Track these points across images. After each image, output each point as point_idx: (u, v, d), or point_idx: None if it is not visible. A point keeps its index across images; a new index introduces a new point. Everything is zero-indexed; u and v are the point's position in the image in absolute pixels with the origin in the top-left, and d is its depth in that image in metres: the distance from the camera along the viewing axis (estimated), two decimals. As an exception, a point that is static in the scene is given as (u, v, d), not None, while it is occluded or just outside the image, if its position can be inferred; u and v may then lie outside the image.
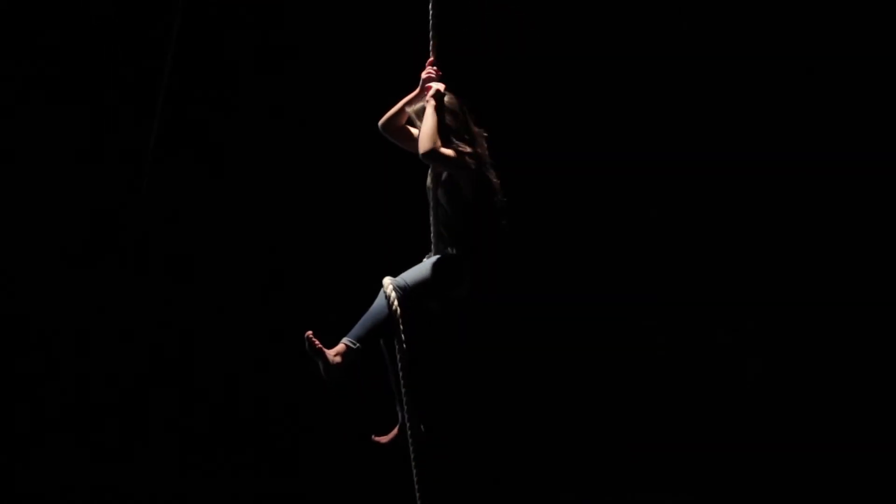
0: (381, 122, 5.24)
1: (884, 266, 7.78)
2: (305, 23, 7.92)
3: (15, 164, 7.71)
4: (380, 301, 5.08)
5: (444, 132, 4.98)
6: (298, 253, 7.96)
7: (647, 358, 7.96)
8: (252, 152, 8.02)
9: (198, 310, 7.92)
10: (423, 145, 4.91)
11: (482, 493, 7.67)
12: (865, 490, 7.48)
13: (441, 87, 5.04)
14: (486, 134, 5.13)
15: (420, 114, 5.08)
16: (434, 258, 5.17)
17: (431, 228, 5.20)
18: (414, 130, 5.21)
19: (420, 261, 5.24)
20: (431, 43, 5.17)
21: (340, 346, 5.02)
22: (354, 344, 5.02)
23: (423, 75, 5.15)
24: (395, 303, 5.02)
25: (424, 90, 5.12)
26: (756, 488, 7.63)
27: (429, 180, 5.18)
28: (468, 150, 4.99)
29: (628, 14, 7.88)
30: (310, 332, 4.96)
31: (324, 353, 4.96)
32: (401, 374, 5.09)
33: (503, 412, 7.84)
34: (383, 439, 5.28)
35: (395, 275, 5.15)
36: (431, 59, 5.16)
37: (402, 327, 5.04)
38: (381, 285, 5.11)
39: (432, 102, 5.00)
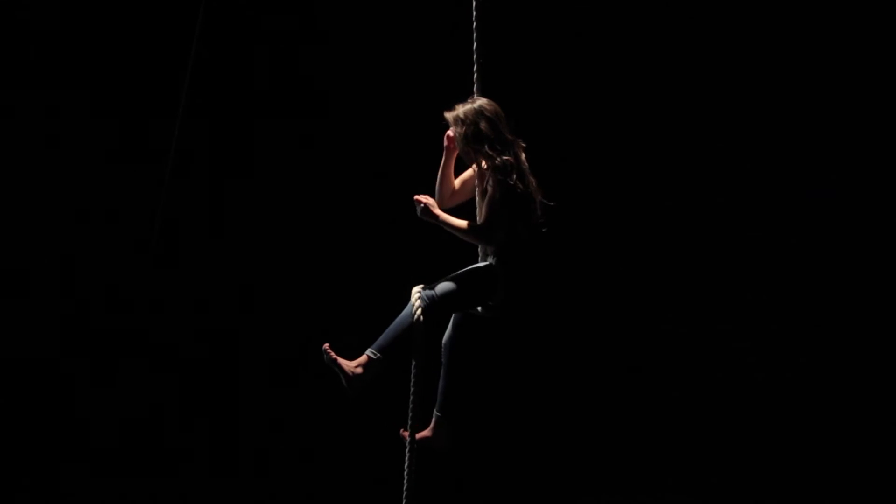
0: (441, 205, 5.10)
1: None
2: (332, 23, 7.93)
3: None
4: (407, 310, 4.98)
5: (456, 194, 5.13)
6: (340, 261, 7.95)
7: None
8: (285, 158, 8.00)
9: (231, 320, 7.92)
10: (480, 242, 5.00)
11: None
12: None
13: (420, 206, 4.96)
14: (524, 144, 5.01)
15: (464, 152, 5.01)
16: (469, 267, 5.06)
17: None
18: (461, 181, 5.16)
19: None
20: (476, 77, 5.15)
21: (363, 358, 4.95)
22: (375, 355, 4.94)
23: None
24: (418, 312, 4.91)
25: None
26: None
27: (476, 191, 5.09)
28: (497, 159, 4.87)
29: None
30: (327, 345, 4.92)
31: (342, 366, 4.90)
32: (413, 381, 5.00)
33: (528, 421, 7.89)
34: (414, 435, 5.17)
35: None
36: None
37: (423, 337, 4.94)
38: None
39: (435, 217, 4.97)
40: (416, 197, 4.99)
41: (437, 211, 4.97)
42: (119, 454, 7.73)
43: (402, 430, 5.15)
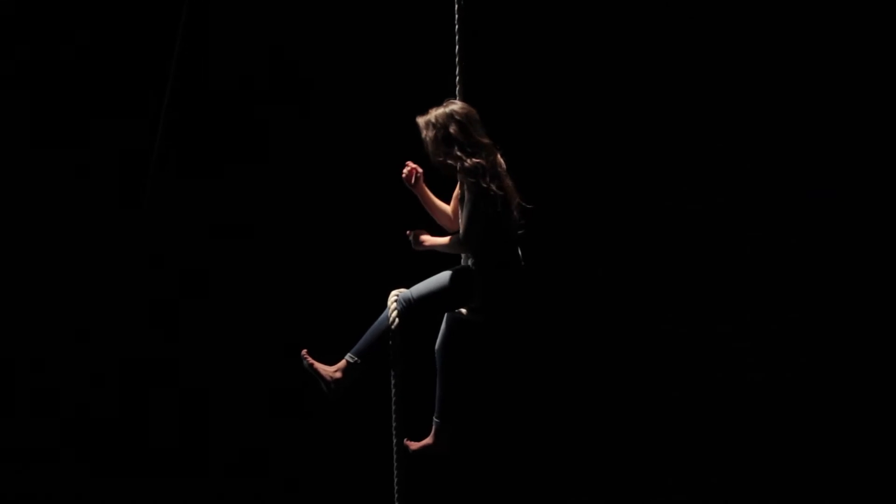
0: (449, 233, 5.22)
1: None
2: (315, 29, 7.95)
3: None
4: (385, 314, 5.04)
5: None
6: (320, 265, 7.97)
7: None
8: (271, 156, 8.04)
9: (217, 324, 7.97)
10: (464, 251, 5.01)
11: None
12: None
13: (411, 239, 5.10)
14: (498, 147, 5.03)
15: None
16: (446, 270, 5.08)
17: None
18: (455, 201, 5.18)
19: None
20: (458, 87, 5.21)
21: (342, 363, 5.02)
22: (354, 359, 5.00)
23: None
24: (394, 315, 4.97)
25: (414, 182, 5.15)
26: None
27: (458, 198, 5.13)
28: (467, 162, 4.89)
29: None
30: (304, 351, 5.00)
31: (320, 371, 4.97)
32: (393, 384, 5.05)
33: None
34: (413, 445, 5.24)
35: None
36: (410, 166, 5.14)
37: (401, 340, 5.00)
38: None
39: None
40: (406, 232, 5.09)
41: (424, 237, 5.08)
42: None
43: (405, 440, 5.22)
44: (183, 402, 7.91)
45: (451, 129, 4.92)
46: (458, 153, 4.89)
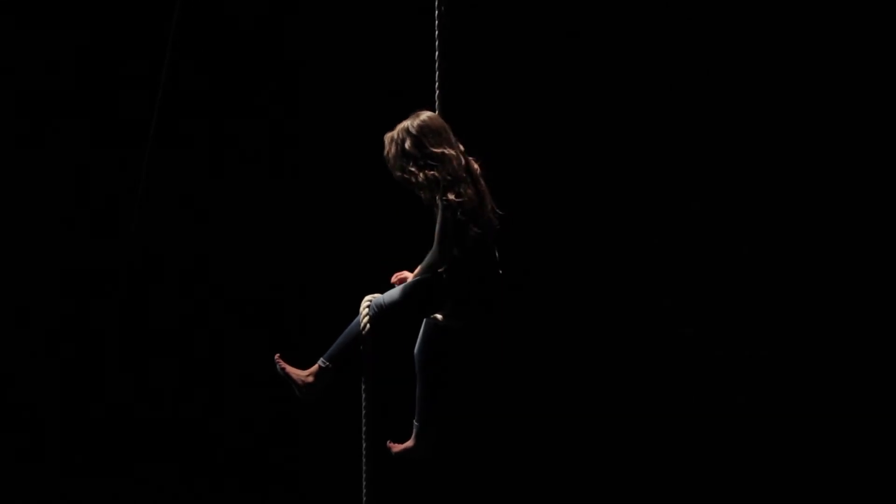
0: None
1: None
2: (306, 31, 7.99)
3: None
4: (357, 320, 5.06)
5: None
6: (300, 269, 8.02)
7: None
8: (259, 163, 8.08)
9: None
10: (442, 262, 4.95)
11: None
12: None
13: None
14: (453, 153, 4.92)
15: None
16: (419, 277, 5.07)
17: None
18: None
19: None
20: (437, 93, 5.23)
21: (314, 367, 5.05)
22: (325, 364, 5.04)
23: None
24: (364, 321, 4.99)
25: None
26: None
27: None
28: (420, 175, 4.87)
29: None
30: (277, 355, 5.05)
31: (292, 375, 5.02)
32: (364, 388, 5.09)
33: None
34: (396, 447, 5.28)
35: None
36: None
37: (372, 346, 5.01)
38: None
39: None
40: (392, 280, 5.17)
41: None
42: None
43: (389, 443, 5.26)
44: (156, 405, 7.94)
45: (407, 145, 4.90)
46: (413, 168, 4.89)
